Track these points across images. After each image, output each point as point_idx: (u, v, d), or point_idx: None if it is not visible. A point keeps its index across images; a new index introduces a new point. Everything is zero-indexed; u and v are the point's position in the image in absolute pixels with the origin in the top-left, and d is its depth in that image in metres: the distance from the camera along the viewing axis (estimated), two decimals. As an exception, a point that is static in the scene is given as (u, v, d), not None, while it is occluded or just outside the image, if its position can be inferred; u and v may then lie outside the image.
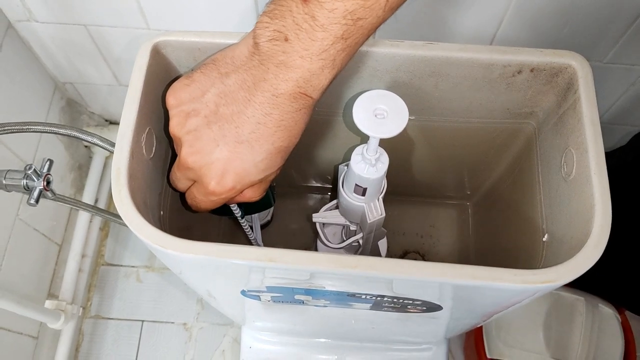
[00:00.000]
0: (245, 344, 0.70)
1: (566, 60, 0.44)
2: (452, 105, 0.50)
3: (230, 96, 0.37)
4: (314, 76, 0.34)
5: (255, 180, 0.40)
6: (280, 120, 0.36)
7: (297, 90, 0.35)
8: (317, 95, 0.36)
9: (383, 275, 0.37)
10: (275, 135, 0.37)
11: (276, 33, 0.33)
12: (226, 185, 0.39)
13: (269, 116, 0.36)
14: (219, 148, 0.37)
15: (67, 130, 0.59)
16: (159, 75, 0.45)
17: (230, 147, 0.37)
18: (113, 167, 0.39)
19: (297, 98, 0.35)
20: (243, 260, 0.37)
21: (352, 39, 0.33)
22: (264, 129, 0.36)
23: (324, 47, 0.33)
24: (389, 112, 0.40)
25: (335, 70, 0.35)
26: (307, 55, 0.33)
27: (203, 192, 0.40)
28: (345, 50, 0.34)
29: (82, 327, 0.97)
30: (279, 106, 0.35)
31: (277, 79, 0.34)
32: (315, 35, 0.32)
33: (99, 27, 0.75)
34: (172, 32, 0.44)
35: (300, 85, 0.35)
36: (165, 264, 0.45)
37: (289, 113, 0.36)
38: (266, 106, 0.36)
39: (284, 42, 0.33)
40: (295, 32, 0.33)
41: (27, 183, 0.57)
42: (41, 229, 0.87)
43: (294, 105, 0.36)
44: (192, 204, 0.44)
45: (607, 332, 0.76)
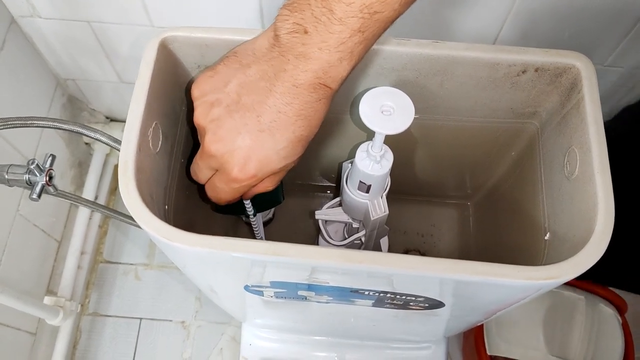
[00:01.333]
0: (245, 341, 0.70)
1: (570, 60, 0.44)
2: (457, 104, 0.50)
3: (251, 86, 0.38)
4: (333, 67, 0.35)
5: (276, 169, 0.40)
6: (300, 109, 0.37)
7: (316, 81, 0.36)
8: (336, 86, 0.37)
9: (388, 270, 0.37)
10: (296, 124, 0.38)
11: (296, 25, 0.34)
12: (248, 172, 0.40)
13: (290, 105, 0.37)
14: (241, 136, 0.38)
15: (70, 126, 0.59)
16: (166, 70, 0.45)
17: (252, 135, 0.38)
18: (120, 160, 0.39)
19: (316, 88, 0.36)
20: (249, 253, 0.37)
21: (369, 32, 0.34)
22: (285, 118, 0.37)
23: (341, 40, 0.34)
24: (395, 109, 0.40)
25: (353, 61, 0.35)
26: (325, 47, 0.34)
27: (225, 179, 0.41)
28: (363, 43, 0.34)
29: (80, 324, 0.97)
30: (299, 96, 0.36)
31: (296, 70, 0.35)
32: (333, 28, 0.33)
33: (103, 24, 0.75)
34: (180, 27, 0.45)
35: (319, 76, 0.35)
36: (169, 258, 0.46)
37: (309, 103, 0.37)
38: (287, 96, 0.36)
39: (303, 35, 0.34)
40: (314, 25, 0.33)
41: (29, 178, 0.57)
42: (41, 225, 0.87)
43: (313, 95, 0.36)
44: (213, 195, 0.44)
45: (606, 331, 0.77)
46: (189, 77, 0.49)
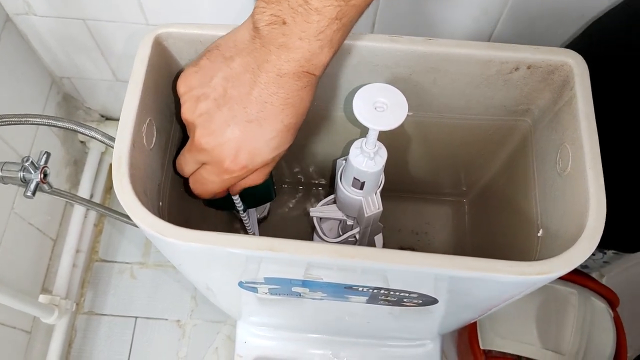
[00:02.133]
0: (240, 338, 0.70)
1: (563, 57, 0.44)
2: (450, 101, 0.51)
3: (236, 79, 0.38)
4: (314, 55, 0.36)
5: (267, 159, 0.41)
6: (286, 98, 0.37)
7: (299, 70, 0.36)
8: (319, 72, 0.37)
9: (381, 266, 0.37)
10: (283, 113, 0.38)
11: (273, 17, 0.35)
12: (240, 162, 0.40)
13: (275, 95, 0.37)
14: (231, 128, 0.39)
15: (65, 123, 0.59)
16: (160, 66, 0.45)
17: (241, 126, 0.39)
18: (114, 155, 0.39)
19: (300, 76, 0.37)
20: (243, 249, 0.37)
21: (346, 18, 0.35)
22: (272, 108, 0.38)
23: (320, 29, 0.34)
24: (388, 105, 0.41)
25: (333, 48, 0.36)
26: (305, 37, 0.34)
27: (216, 171, 0.41)
28: (341, 30, 0.35)
29: (75, 322, 0.96)
30: (283, 85, 0.37)
31: (279, 60, 0.36)
32: (310, 18, 0.34)
33: (98, 21, 0.75)
34: (174, 24, 0.45)
35: (302, 64, 0.36)
36: (164, 256, 0.46)
37: (294, 91, 0.37)
38: (271, 86, 0.37)
39: (282, 25, 0.34)
40: (292, 16, 0.34)
41: (24, 175, 0.57)
42: (36, 223, 0.87)
43: (298, 83, 0.37)
44: (198, 187, 0.45)
45: (599, 325, 0.77)
46: (184, 74, 0.50)
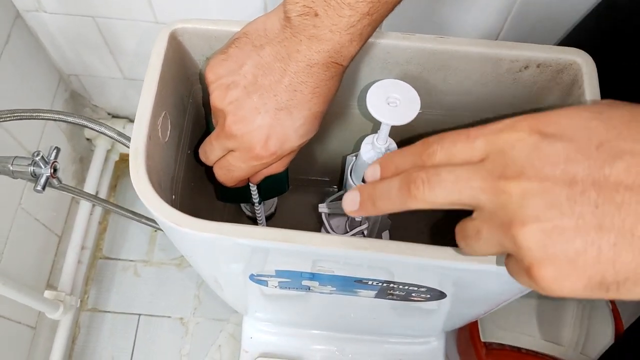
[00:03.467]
0: (246, 334, 0.70)
1: (572, 56, 0.45)
2: (459, 99, 0.51)
3: (266, 67, 0.39)
4: (344, 48, 0.37)
5: (295, 146, 0.42)
6: (315, 87, 0.38)
7: (329, 60, 0.37)
8: (347, 63, 0.38)
9: (393, 258, 0.38)
10: (311, 101, 0.39)
11: (306, 8, 0.35)
12: (270, 149, 0.41)
13: (305, 84, 0.38)
14: (261, 115, 0.40)
15: (76, 119, 0.59)
16: (175, 61, 0.46)
17: (271, 114, 0.39)
18: (131, 146, 0.40)
19: (329, 67, 0.38)
20: (258, 239, 0.37)
21: (378, 14, 0.36)
22: (301, 96, 0.39)
23: (351, 23, 0.35)
24: (401, 101, 0.41)
25: (362, 41, 0.37)
26: (336, 30, 0.35)
27: (244, 158, 0.42)
28: (371, 25, 0.36)
29: (79, 319, 0.97)
30: (313, 75, 0.38)
31: (310, 51, 0.37)
32: (342, 12, 0.35)
33: (107, 19, 0.75)
34: (189, 19, 0.46)
35: (332, 55, 0.37)
36: (178, 248, 0.46)
37: (323, 81, 0.38)
38: (301, 75, 0.38)
39: (314, 17, 0.35)
40: (324, 9, 0.35)
41: (34, 170, 0.58)
42: (42, 219, 0.87)
43: (327, 73, 0.38)
44: (224, 174, 0.45)
45: (597, 317, 0.78)
46: (197, 69, 0.50)
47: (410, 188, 0.28)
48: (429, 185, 0.27)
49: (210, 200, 0.61)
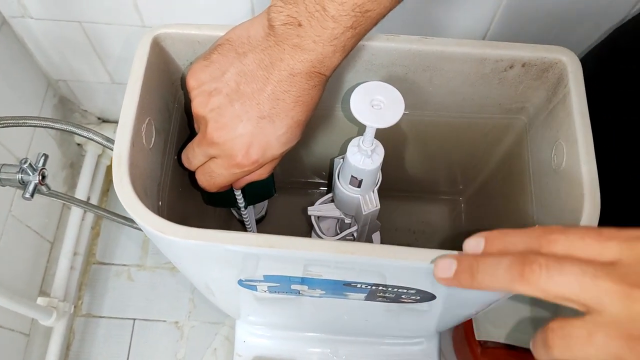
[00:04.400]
0: (239, 338, 0.70)
1: (556, 55, 0.45)
2: (446, 100, 0.51)
3: (249, 75, 0.39)
4: (327, 58, 0.37)
5: (277, 154, 0.42)
6: (297, 96, 0.38)
7: (312, 70, 0.37)
8: (330, 73, 0.38)
9: (380, 261, 0.38)
10: (294, 110, 0.39)
11: (290, 18, 0.35)
12: (251, 157, 0.41)
13: (287, 93, 0.38)
14: (243, 123, 0.39)
15: (64, 125, 0.59)
16: (158, 67, 0.46)
17: (253, 122, 0.39)
18: (114, 154, 0.39)
19: (312, 76, 0.38)
20: (243, 246, 0.37)
21: (361, 28, 0.36)
22: (283, 105, 0.39)
23: (334, 35, 0.35)
24: (385, 103, 0.41)
25: (345, 53, 0.37)
26: (319, 41, 0.35)
27: (226, 165, 0.42)
28: (355, 37, 0.36)
29: (73, 325, 0.96)
30: (296, 84, 0.38)
31: (293, 60, 0.37)
32: (326, 24, 0.35)
33: (94, 24, 0.75)
34: (172, 24, 0.45)
35: (315, 65, 0.37)
36: (164, 255, 0.46)
37: (305, 90, 0.38)
38: (284, 84, 0.38)
39: (297, 27, 0.35)
40: (308, 19, 0.35)
41: (22, 177, 0.58)
42: (33, 225, 0.87)
43: (309, 82, 0.38)
44: (206, 180, 0.45)
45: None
46: (181, 74, 0.50)
47: (525, 270, 0.26)
48: (547, 271, 0.26)
49: (201, 205, 0.61)
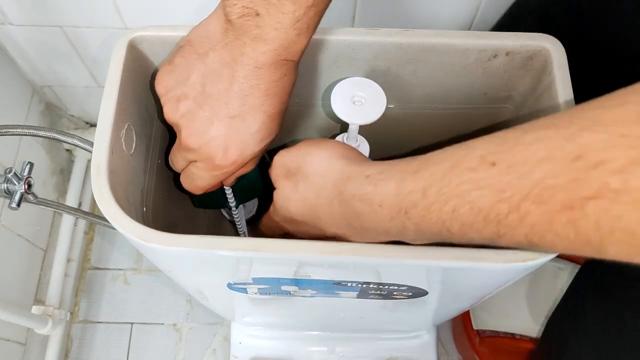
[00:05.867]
0: (235, 339, 0.70)
1: (540, 43, 0.44)
2: (431, 91, 0.50)
3: (213, 75, 0.38)
4: (292, 43, 0.35)
5: (256, 151, 0.40)
6: (267, 89, 0.37)
7: (277, 59, 0.36)
8: (298, 57, 0.37)
9: (368, 260, 0.37)
10: (265, 104, 0.38)
11: (246, 9, 0.34)
12: (230, 158, 0.40)
13: (255, 87, 0.37)
14: (214, 126, 0.38)
15: (47, 132, 0.58)
16: (136, 71, 0.45)
17: (224, 123, 0.38)
18: (93, 163, 0.39)
19: (279, 66, 0.36)
20: (227, 251, 0.37)
21: (321, 4, 0.34)
22: (253, 100, 0.37)
23: (296, 18, 0.34)
24: (366, 99, 0.40)
25: (310, 32, 0.36)
26: (281, 27, 0.34)
27: (206, 168, 0.41)
28: (318, 15, 0.35)
29: (70, 331, 0.96)
30: (263, 77, 0.36)
31: (255, 52, 0.35)
32: (285, 8, 0.33)
33: (75, 28, 0.74)
34: (148, 27, 0.44)
35: (280, 53, 0.35)
36: (153, 263, 0.45)
37: (274, 81, 0.37)
38: (250, 79, 0.36)
39: (255, 17, 0.34)
40: (265, 7, 0.33)
41: (7, 187, 0.57)
42: (25, 234, 0.86)
43: (277, 72, 0.36)
44: (189, 183, 0.44)
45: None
46: (161, 77, 0.49)
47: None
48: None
49: (189, 207, 0.60)
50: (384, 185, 0.32)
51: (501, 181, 0.25)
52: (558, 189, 0.23)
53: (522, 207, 0.25)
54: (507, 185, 0.25)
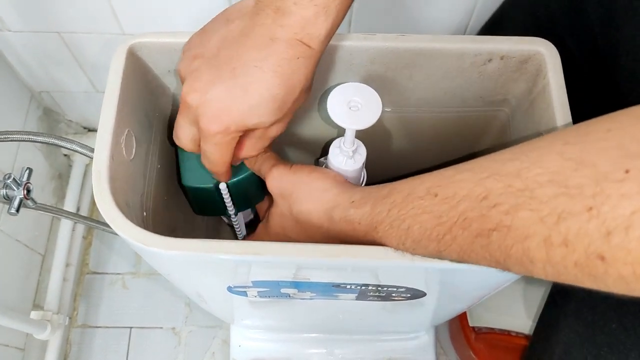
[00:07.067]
0: (234, 342, 0.70)
1: (534, 46, 0.45)
2: (427, 95, 0.51)
3: (231, 40, 0.38)
4: (309, 23, 0.35)
5: (249, 124, 0.40)
6: (276, 65, 0.37)
7: (293, 37, 0.36)
8: (316, 45, 0.37)
9: (367, 263, 0.38)
10: (270, 80, 0.37)
11: None
12: (222, 123, 0.39)
13: (265, 61, 0.37)
14: (215, 87, 0.38)
15: (46, 138, 0.58)
16: (135, 77, 0.45)
17: (225, 86, 0.38)
18: (93, 168, 0.39)
19: (293, 45, 0.36)
20: (227, 254, 0.37)
21: None
22: (260, 73, 0.37)
23: None
24: (362, 104, 0.41)
25: (330, 19, 0.36)
26: (300, 2, 0.35)
27: (204, 135, 0.41)
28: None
29: (69, 336, 0.96)
30: (275, 51, 0.36)
31: (274, 24, 0.36)
32: None
33: (73, 34, 0.74)
34: (147, 33, 0.45)
35: (297, 31, 0.36)
36: (153, 267, 0.46)
37: (285, 60, 0.37)
38: (263, 50, 0.37)
39: None
40: None
41: (6, 192, 0.57)
42: (23, 239, 0.86)
43: (290, 52, 0.36)
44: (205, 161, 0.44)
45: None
46: (161, 83, 0.50)
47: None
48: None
49: (188, 212, 0.60)
50: (362, 207, 0.39)
51: (440, 209, 0.32)
52: (474, 220, 0.30)
53: (453, 230, 0.31)
54: (443, 212, 0.32)
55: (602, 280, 0.24)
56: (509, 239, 0.28)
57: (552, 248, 0.26)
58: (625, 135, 0.24)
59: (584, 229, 0.24)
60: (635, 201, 0.23)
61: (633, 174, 0.23)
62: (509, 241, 0.28)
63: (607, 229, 0.23)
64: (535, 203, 0.26)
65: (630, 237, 0.22)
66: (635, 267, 0.23)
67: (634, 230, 0.22)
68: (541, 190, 0.26)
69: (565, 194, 0.25)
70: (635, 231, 0.22)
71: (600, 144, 0.25)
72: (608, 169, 0.24)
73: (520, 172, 0.28)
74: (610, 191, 0.23)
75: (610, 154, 0.24)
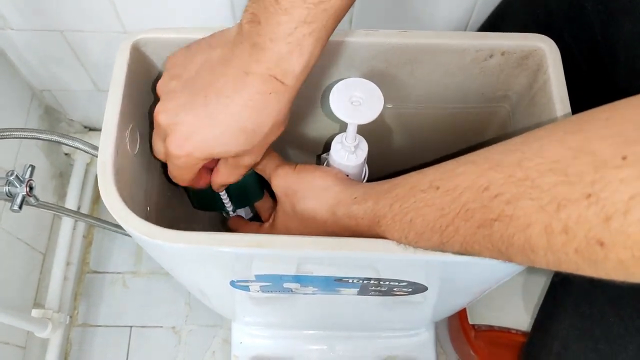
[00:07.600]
0: (236, 339, 0.70)
1: (535, 42, 0.45)
2: (428, 91, 0.51)
3: (209, 67, 0.39)
4: (282, 60, 0.35)
5: (214, 153, 0.40)
6: (248, 99, 0.37)
7: (267, 72, 0.36)
8: (290, 82, 0.37)
9: (369, 255, 0.38)
10: (240, 113, 0.38)
11: (252, 15, 0.35)
12: (185, 148, 0.39)
13: (238, 93, 0.37)
14: (185, 112, 0.39)
15: (49, 135, 0.59)
16: (139, 72, 0.46)
17: (195, 113, 0.38)
18: (99, 162, 0.39)
19: (267, 81, 0.36)
20: (231, 247, 0.37)
21: (317, 24, 0.34)
22: (230, 104, 0.37)
23: (288, 31, 0.34)
24: (364, 99, 0.41)
25: (304, 56, 0.36)
26: (275, 39, 0.35)
27: (168, 155, 0.41)
28: (312, 35, 0.35)
29: (70, 335, 0.96)
30: (248, 85, 0.37)
31: (250, 58, 0.36)
32: (279, 18, 0.34)
33: (75, 32, 0.75)
34: (151, 29, 0.45)
35: (270, 67, 0.36)
36: (156, 260, 0.46)
37: (258, 94, 0.37)
38: (236, 82, 0.37)
39: (257, 25, 0.35)
40: (265, 16, 0.34)
41: (9, 189, 0.58)
42: (24, 238, 0.86)
43: (263, 87, 0.37)
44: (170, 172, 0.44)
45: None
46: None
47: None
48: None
49: (191, 208, 0.61)
50: (365, 203, 0.39)
51: (442, 201, 0.33)
52: (476, 210, 0.30)
53: (455, 221, 0.32)
54: (445, 204, 0.32)
55: (602, 266, 0.25)
56: (511, 228, 0.28)
57: (553, 235, 0.26)
58: (624, 123, 0.25)
59: (584, 216, 0.24)
60: (634, 186, 0.23)
61: (631, 159, 0.23)
62: (510, 230, 0.28)
63: (606, 214, 0.24)
64: (536, 192, 0.27)
65: (629, 222, 0.23)
66: (634, 250, 0.23)
67: (632, 214, 0.23)
68: (542, 179, 0.27)
69: (565, 182, 0.26)
70: (633, 215, 0.23)
71: (600, 132, 0.26)
72: (607, 156, 0.24)
73: (522, 162, 0.28)
74: (609, 177, 0.24)
75: (609, 141, 0.25)
